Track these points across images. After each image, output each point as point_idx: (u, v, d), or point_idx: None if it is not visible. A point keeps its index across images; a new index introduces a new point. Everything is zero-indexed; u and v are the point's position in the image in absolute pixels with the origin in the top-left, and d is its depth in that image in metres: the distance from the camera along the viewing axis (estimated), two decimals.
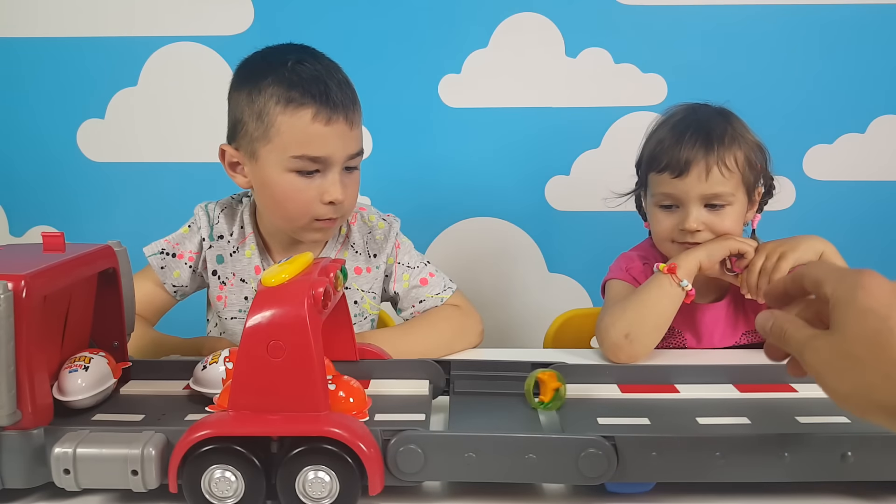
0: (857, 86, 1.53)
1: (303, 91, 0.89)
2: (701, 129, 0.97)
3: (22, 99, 1.59)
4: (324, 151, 0.90)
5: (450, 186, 1.61)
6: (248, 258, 1.02)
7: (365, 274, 1.05)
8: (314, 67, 0.91)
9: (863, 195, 1.57)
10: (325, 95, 0.89)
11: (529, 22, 1.53)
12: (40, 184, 1.62)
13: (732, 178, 0.96)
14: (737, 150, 0.96)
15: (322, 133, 0.89)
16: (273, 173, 0.91)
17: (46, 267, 0.59)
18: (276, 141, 0.90)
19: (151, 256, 1.01)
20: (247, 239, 1.02)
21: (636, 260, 1.07)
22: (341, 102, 0.90)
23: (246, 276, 1.02)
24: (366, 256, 1.05)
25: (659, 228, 1.01)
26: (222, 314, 1.03)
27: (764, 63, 1.52)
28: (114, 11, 1.54)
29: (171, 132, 1.59)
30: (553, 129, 1.57)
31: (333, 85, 0.91)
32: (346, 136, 0.91)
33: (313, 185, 0.91)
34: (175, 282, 1.01)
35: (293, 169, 0.91)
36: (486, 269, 1.65)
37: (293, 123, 0.89)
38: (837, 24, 1.50)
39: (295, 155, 0.90)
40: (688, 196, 0.97)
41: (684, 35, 1.52)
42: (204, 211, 1.03)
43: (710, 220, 0.97)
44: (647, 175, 1.02)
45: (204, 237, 1.01)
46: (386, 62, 1.54)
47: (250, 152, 0.93)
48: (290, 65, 0.90)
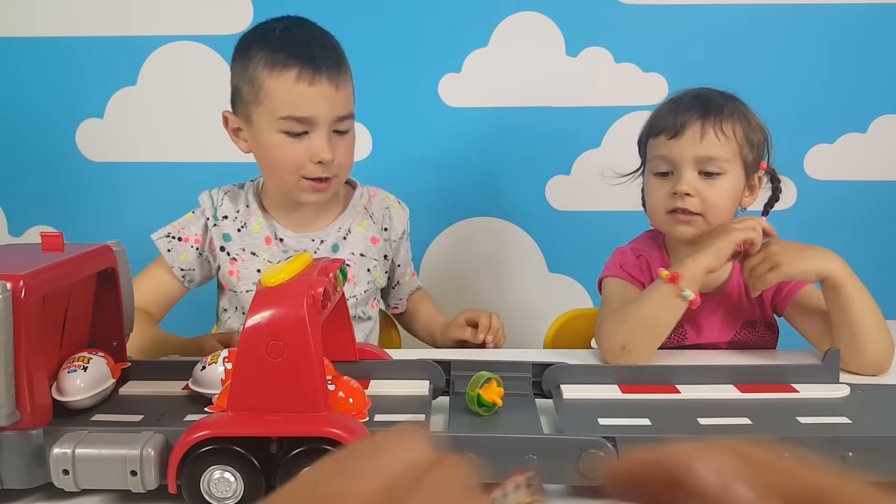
0: (858, 85, 1.53)
1: (287, 54, 0.94)
2: (700, 97, 0.98)
3: (21, 98, 1.58)
4: (309, 111, 0.95)
5: (450, 186, 1.61)
6: (256, 232, 1.06)
7: (378, 244, 1.12)
8: (300, 33, 0.98)
9: (863, 195, 1.57)
10: (307, 57, 0.94)
11: (529, 21, 1.52)
12: (39, 183, 1.62)
13: (728, 146, 0.95)
14: (735, 122, 0.96)
15: (306, 93, 0.94)
16: (265, 134, 0.97)
17: (45, 267, 0.58)
18: (265, 103, 0.96)
19: (159, 240, 1.05)
20: (252, 216, 1.06)
21: (629, 255, 1.06)
22: (325, 64, 0.95)
23: (256, 249, 1.05)
24: (379, 228, 1.12)
25: (653, 198, 1.00)
26: (237, 288, 1.05)
27: (765, 62, 1.52)
28: (113, 11, 1.54)
29: (171, 132, 1.59)
30: (553, 129, 1.57)
31: (317, 47, 0.96)
32: (331, 97, 0.96)
33: (301, 145, 0.96)
34: (183, 265, 1.05)
35: (282, 130, 0.96)
36: (486, 269, 1.64)
37: (278, 85, 0.94)
38: (838, 24, 1.50)
39: (282, 116, 0.95)
40: (681, 158, 0.95)
41: (685, 34, 1.52)
42: (208, 196, 1.08)
43: (703, 186, 0.95)
44: (646, 145, 1.02)
45: (208, 217, 1.06)
46: (386, 62, 1.54)
47: (246, 116, 0.99)
48: (278, 32, 0.97)
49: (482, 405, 0.65)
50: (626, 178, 1.10)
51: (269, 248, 1.06)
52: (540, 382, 0.73)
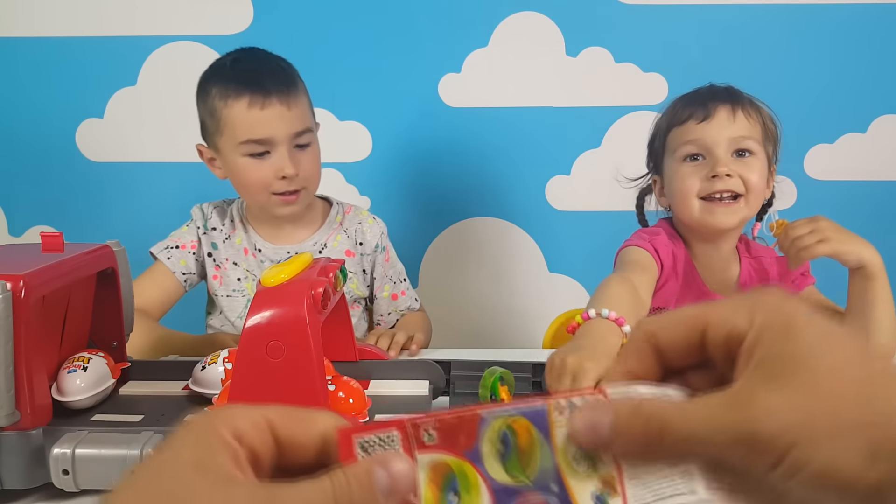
0: (858, 85, 1.53)
1: (237, 83, 1.01)
2: (718, 87, 0.99)
3: (21, 98, 1.58)
4: (265, 133, 1.01)
5: (450, 186, 1.61)
6: (238, 244, 1.14)
7: (354, 258, 1.17)
8: (248, 63, 1.05)
9: (863, 195, 1.57)
10: (256, 83, 1.00)
11: (529, 21, 1.52)
12: (39, 183, 1.62)
13: (757, 129, 0.95)
14: (757, 110, 0.97)
15: (260, 117, 1.00)
16: (231, 160, 1.04)
17: (45, 267, 0.58)
18: (226, 132, 1.03)
19: (159, 253, 1.11)
20: (236, 230, 1.14)
21: (662, 234, 1.01)
22: (274, 87, 1.01)
23: (238, 260, 1.13)
24: (353, 242, 1.17)
25: (684, 185, 0.95)
26: (218, 292, 1.13)
27: (765, 62, 1.52)
28: (113, 11, 1.54)
29: (170, 132, 1.59)
30: (553, 129, 1.57)
31: (265, 73, 1.02)
32: (284, 117, 1.02)
33: (265, 164, 1.03)
34: (183, 269, 1.11)
35: (245, 153, 1.03)
36: (486, 269, 1.64)
37: (234, 114, 1.01)
38: (838, 23, 1.50)
39: (242, 140, 1.02)
40: (715, 140, 0.93)
41: (685, 34, 1.52)
42: (199, 209, 1.16)
43: (740, 167, 0.93)
44: (668, 136, 1.00)
45: (199, 227, 1.14)
46: (386, 62, 1.54)
47: (214, 146, 1.07)
48: (229, 64, 1.05)
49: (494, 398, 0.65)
50: (636, 181, 1.09)
51: (247, 258, 1.13)
52: (540, 382, 0.72)
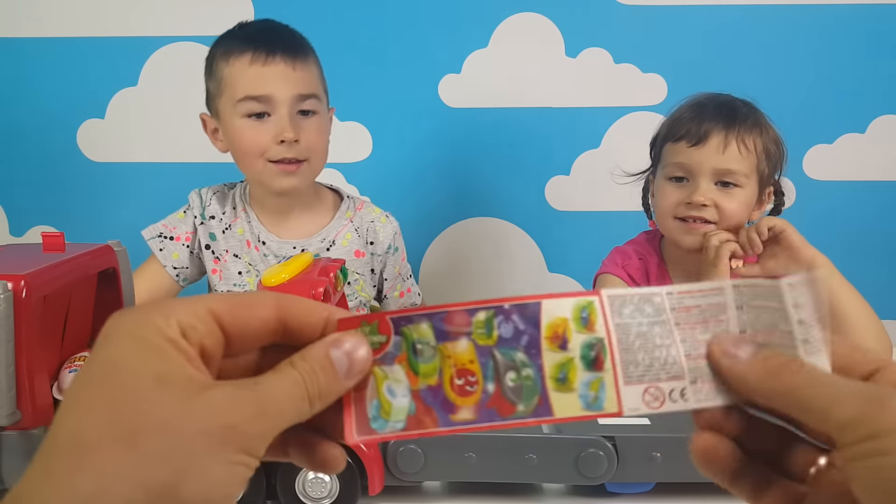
0: (857, 86, 1.53)
1: (242, 41, 0.97)
2: (724, 105, 0.97)
3: (22, 99, 1.58)
4: (265, 90, 0.95)
5: (450, 186, 1.61)
6: (240, 234, 1.07)
7: (364, 258, 1.10)
8: (256, 25, 1.02)
9: (863, 195, 1.57)
10: (260, 40, 0.96)
11: (529, 22, 1.53)
12: (40, 183, 1.62)
13: (748, 160, 0.94)
14: (757, 135, 0.95)
15: (261, 73, 0.95)
16: (231, 123, 0.98)
17: (46, 267, 0.58)
18: (227, 91, 0.98)
19: (150, 240, 1.06)
20: (238, 218, 1.07)
21: (632, 256, 1.05)
22: (279, 45, 0.96)
23: (239, 252, 1.06)
24: (364, 242, 1.10)
25: (665, 203, 0.98)
26: (218, 287, 1.07)
27: (764, 63, 1.52)
28: (114, 11, 1.54)
29: (171, 132, 1.59)
30: (553, 129, 1.57)
31: (272, 32, 0.99)
32: (287, 76, 0.96)
33: (264, 127, 0.97)
34: (175, 263, 1.06)
35: (244, 114, 0.97)
36: (487, 269, 1.65)
37: (234, 70, 0.97)
38: (837, 24, 1.50)
39: (240, 98, 0.96)
40: (700, 167, 0.94)
41: (684, 35, 1.52)
42: (197, 195, 1.09)
43: (719, 197, 0.94)
44: (663, 148, 1.00)
45: (196, 216, 1.07)
46: (386, 62, 1.54)
47: (216, 112, 1.01)
48: (237, 28, 1.01)
49: None
50: (633, 177, 1.10)
51: (249, 251, 1.06)
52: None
